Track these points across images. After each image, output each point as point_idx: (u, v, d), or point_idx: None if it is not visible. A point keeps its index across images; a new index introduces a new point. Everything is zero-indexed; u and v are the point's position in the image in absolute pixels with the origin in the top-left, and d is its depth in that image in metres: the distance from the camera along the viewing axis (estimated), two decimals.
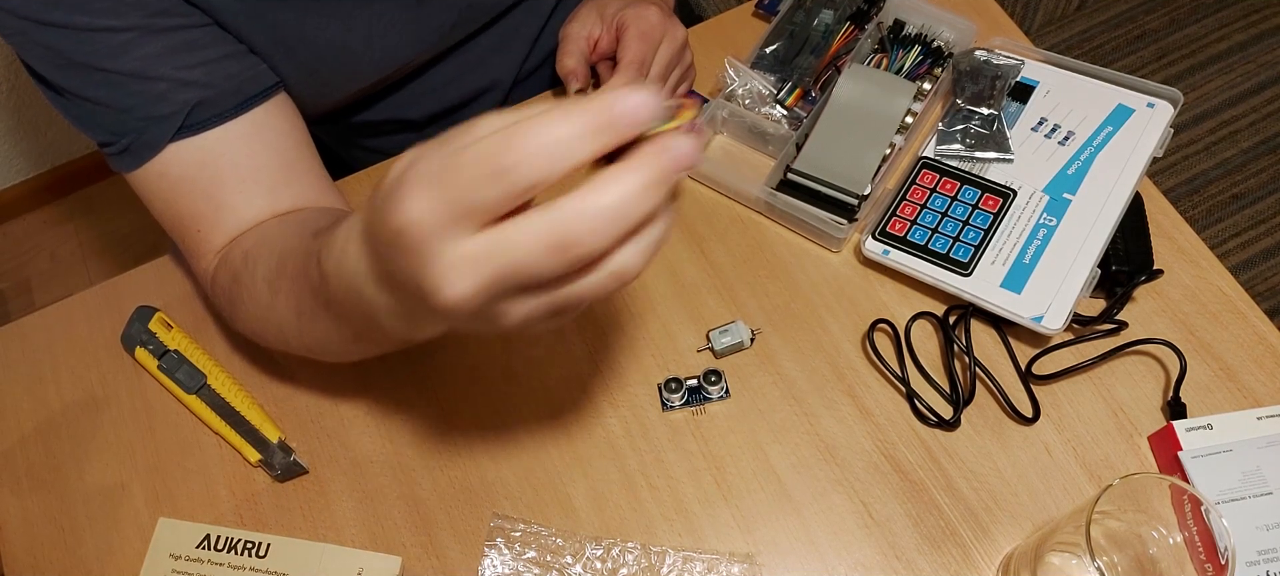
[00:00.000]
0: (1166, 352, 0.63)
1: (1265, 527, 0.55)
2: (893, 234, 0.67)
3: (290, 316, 0.53)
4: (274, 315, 0.55)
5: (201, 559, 0.58)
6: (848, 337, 0.66)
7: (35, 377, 0.68)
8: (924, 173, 0.69)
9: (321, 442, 0.64)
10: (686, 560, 0.58)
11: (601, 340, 0.67)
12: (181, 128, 0.58)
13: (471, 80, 0.80)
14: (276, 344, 0.59)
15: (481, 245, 0.33)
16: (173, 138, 0.58)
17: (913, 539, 0.59)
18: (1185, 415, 0.61)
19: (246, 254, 0.59)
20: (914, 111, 0.72)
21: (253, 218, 0.60)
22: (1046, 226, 0.66)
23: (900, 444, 0.62)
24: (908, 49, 0.75)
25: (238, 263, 0.59)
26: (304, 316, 0.52)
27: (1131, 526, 0.53)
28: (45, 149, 1.64)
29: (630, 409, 0.64)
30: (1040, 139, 0.70)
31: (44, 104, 1.55)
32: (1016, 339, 0.65)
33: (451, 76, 0.78)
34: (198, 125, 0.58)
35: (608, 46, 0.71)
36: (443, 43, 0.74)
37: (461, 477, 0.62)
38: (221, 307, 0.63)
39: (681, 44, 0.71)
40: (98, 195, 1.74)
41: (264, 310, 0.56)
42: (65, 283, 1.66)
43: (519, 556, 0.59)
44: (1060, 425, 0.62)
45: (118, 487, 0.63)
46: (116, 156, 0.59)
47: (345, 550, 0.58)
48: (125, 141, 0.58)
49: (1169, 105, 0.69)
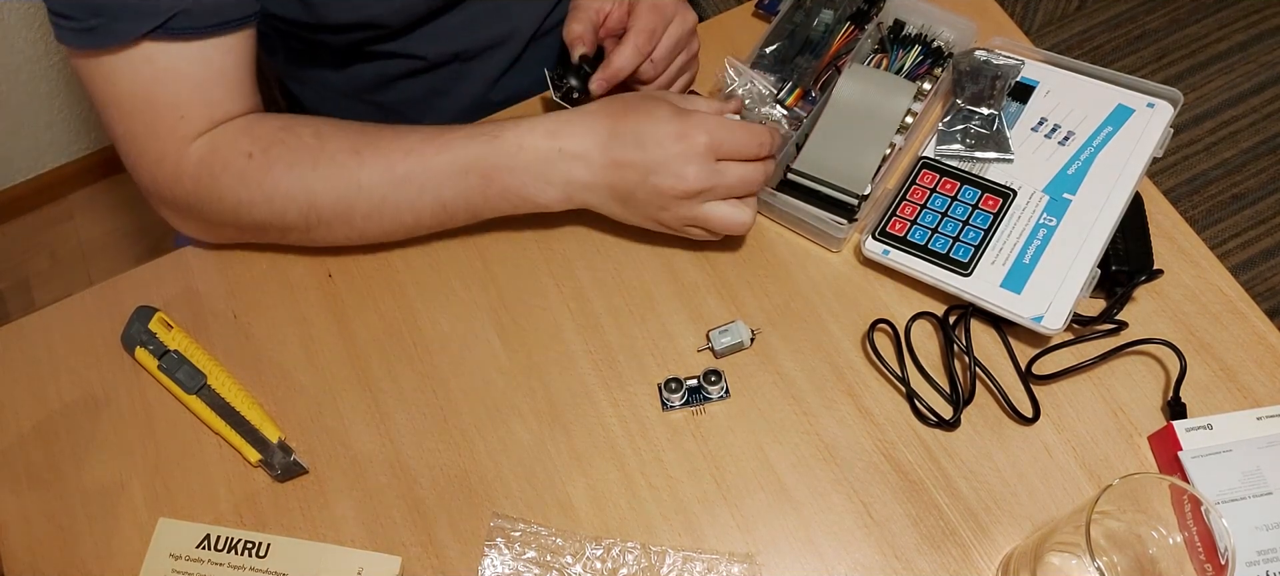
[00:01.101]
0: (1166, 353, 0.63)
1: (1265, 527, 0.55)
2: (893, 234, 0.67)
3: (378, 177, 0.63)
4: (346, 178, 0.63)
5: (201, 559, 0.58)
6: (848, 337, 0.66)
7: (35, 377, 0.68)
8: (924, 173, 0.69)
9: (321, 442, 0.64)
10: (686, 560, 0.58)
11: (601, 340, 0.67)
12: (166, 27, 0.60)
13: (493, 26, 0.80)
14: (302, 212, 0.64)
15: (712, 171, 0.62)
16: (169, 32, 0.60)
17: (912, 539, 0.59)
18: (1185, 415, 0.60)
19: (285, 126, 0.65)
20: (914, 111, 0.72)
21: (236, 110, 0.66)
22: (1046, 226, 0.66)
23: (900, 444, 0.62)
24: (908, 49, 0.75)
25: (274, 132, 0.64)
26: (406, 181, 0.63)
27: (1131, 526, 0.53)
28: (45, 148, 1.64)
29: (630, 409, 0.64)
30: (1040, 139, 0.70)
31: (45, 104, 1.55)
32: (1016, 339, 0.65)
33: (476, 16, 0.78)
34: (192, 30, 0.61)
35: (618, 22, 0.72)
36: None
37: (461, 478, 0.62)
38: (209, 187, 0.65)
39: (691, 28, 0.73)
40: (97, 195, 1.74)
41: (331, 176, 0.63)
42: (65, 282, 1.66)
43: (519, 556, 0.59)
44: (1060, 425, 0.62)
45: (117, 487, 0.63)
46: (78, 33, 0.60)
47: (345, 550, 0.58)
48: (95, 21, 0.59)
49: (1169, 105, 0.69)
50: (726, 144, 0.62)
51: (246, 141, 0.64)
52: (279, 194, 0.64)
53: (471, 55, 0.81)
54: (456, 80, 0.83)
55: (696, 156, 0.61)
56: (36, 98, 1.54)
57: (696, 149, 0.61)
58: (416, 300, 0.69)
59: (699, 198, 0.63)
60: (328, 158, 0.63)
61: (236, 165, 0.64)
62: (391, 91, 0.84)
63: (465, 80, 0.83)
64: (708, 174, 0.61)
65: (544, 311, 0.68)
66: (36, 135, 1.61)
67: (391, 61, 0.80)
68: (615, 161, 0.62)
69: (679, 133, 0.61)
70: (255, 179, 0.64)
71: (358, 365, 0.67)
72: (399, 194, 0.64)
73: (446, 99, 0.84)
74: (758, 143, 0.63)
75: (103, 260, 1.68)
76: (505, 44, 0.81)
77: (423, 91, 0.84)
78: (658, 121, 0.61)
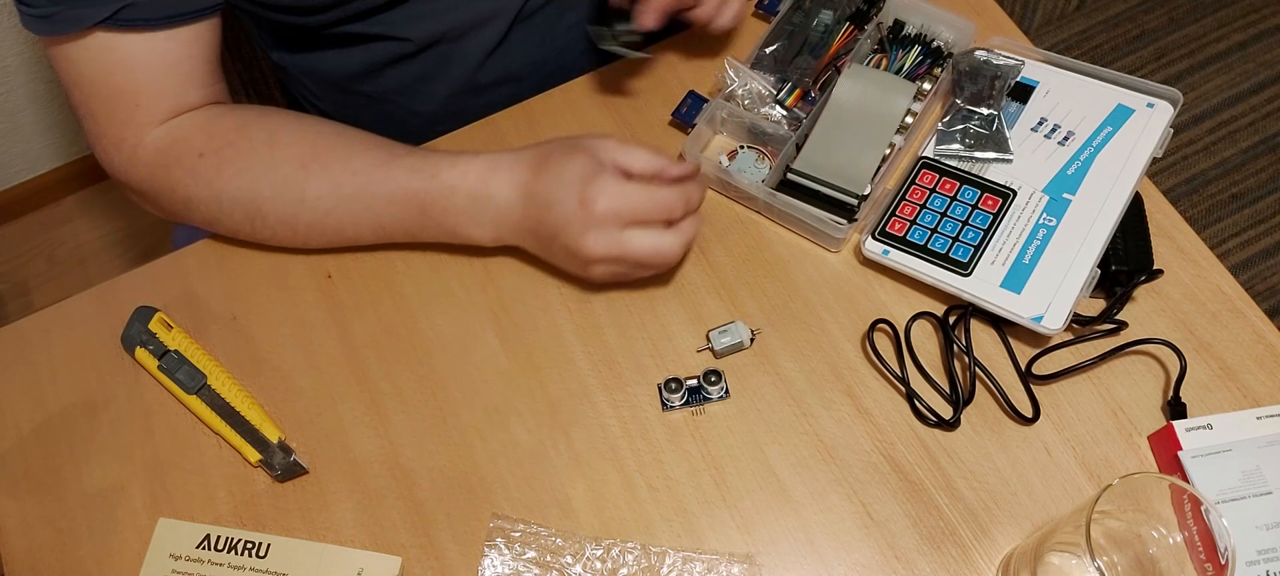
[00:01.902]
0: (1166, 352, 0.63)
1: (1265, 527, 0.55)
2: (892, 234, 0.67)
3: (323, 193, 0.65)
4: (292, 190, 0.65)
5: (201, 559, 0.58)
6: (847, 338, 0.66)
7: (34, 379, 0.68)
8: (924, 173, 0.69)
9: (321, 442, 0.64)
10: (686, 560, 0.58)
11: (601, 340, 0.67)
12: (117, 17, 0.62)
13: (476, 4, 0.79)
14: (248, 216, 0.66)
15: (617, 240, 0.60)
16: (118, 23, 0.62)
17: (912, 539, 0.59)
18: (1185, 415, 0.60)
19: (240, 128, 0.66)
20: (914, 111, 0.72)
21: (193, 101, 0.68)
22: (1046, 226, 0.66)
23: (900, 444, 0.62)
24: (907, 49, 0.75)
25: (228, 133, 0.66)
26: (350, 200, 0.65)
27: (1131, 526, 0.53)
28: (44, 151, 1.64)
29: (630, 409, 0.64)
30: (1040, 139, 0.70)
31: (44, 106, 1.55)
32: (1016, 339, 0.65)
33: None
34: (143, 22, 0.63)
35: None
36: None
37: (461, 478, 0.62)
38: (163, 178, 0.67)
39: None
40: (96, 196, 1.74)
41: (278, 185, 0.65)
42: (63, 284, 1.66)
43: (519, 557, 0.59)
44: (1060, 425, 0.62)
45: (117, 488, 0.63)
46: (37, 20, 0.62)
47: (345, 550, 0.58)
48: (52, 9, 0.61)
49: (1169, 105, 0.69)
50: (625, 211, 0.59)
51: (201, 139, 0.66)
52: (227, 196, 0.66)
53: (456, 36, 0.80)
54: (443, 63, 0.82)
55: (596, 224, 0.59)
56: (35, 100, 1.53)
57: (595, 216, 0.59)
58: (416, 301, 0.69)
59: (605, 263, 0.62)
60: (276, 167, 0.65)
61: (188, 161, 0.66)
62: (380, 79, 0.84)
63: (452, 62, 0.82)
64: (608, 243, 0.60)
65: (543, 312, 0.68)
66: (35, 138, 1.61)
67: (377, 45, 0.80)
68: (532, 216, 0.63)
69: (581, 197, 0.59)
70: (206, 178, 0.66)
71: (357, 366, 0.67)
72: (341, 211, 0.66)
73: (434, 83, 0.84)
74: (666, 209, 0.60)
75: (101, 263, 1.68)
76: (489, 23, 0.81)
77: (411, 77, 0.84)
78: (566, 183, 0.60)
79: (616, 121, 0.76)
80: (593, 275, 0.63)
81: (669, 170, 0.62)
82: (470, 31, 0.80)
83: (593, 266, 0.62)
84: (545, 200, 0.61)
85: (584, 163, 0.61)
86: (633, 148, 0.63)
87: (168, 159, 0.66)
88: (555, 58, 0.85)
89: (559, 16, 0.84)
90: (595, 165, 0.61)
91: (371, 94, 0.85)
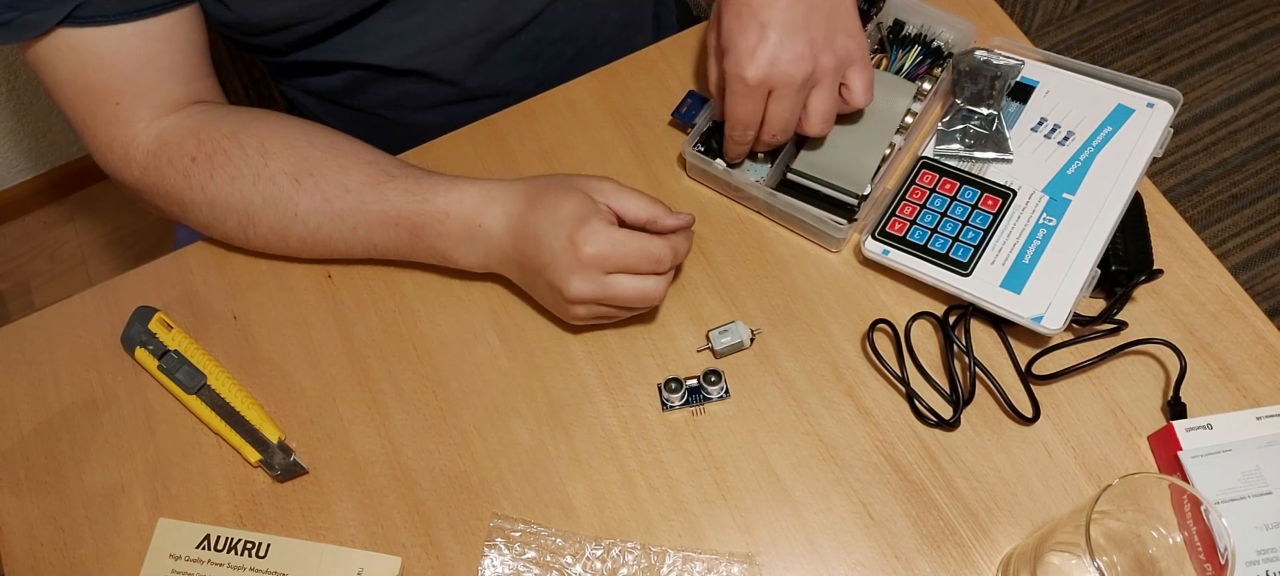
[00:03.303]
0: (1166, 352, 0.63)
1: (1265, 527, 0.55)
2: (892, 234, 0.67)
3: (315, 208, 0.65)
4: (285, 203, 0.65)
5: (201, 559, 0.58)
6: (847, 338, 0.66)
7: (34, 379, 0.68)
8: (923, 173, 0.69)
9: (321, 442, 0.64)
10: (686, 560, 0.58)
11: (601, 341, 0.67)
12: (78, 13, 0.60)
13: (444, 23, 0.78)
14: (241, 223, 0.66)
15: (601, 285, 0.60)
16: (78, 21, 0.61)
17: (912, 539, 0.59)
18: (1185, 415, 0.61)
19: (232, 135, 0.65)
20: (913, 111, 0.72)
21: (178, 97, 0.67)
22: (1046, 226, 0.66)
23: (900, 444, 0.62)
24: (907, 49, 0.75)
25: (220, 139, 0.65)
26: (341, 217, 0.65)
27: (1131, 526, 0.53)
28: (45, 150, 1.64)
29: (630, 409, 0.64)
30: (1040, 139, 0.70)
31: (45, 105, 1.55)
32: (1016, 339, 0.65)
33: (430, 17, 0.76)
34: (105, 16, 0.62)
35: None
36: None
37: (461, 478, 0.62)
38: (156, 179, 0.66)
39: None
40: (97, 196, 1.74)
41: (270, 196, 0.65)
42: (65, 283, 1.66)
43: (519, 556, 0.59)
44: (1060, 425, 0.62)
45: (117, 488, 0.63)
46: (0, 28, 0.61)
47: (345, 550, 0.58)
48: (10, 14, 0.60)
49: (1169, 105, 0.69)
50: (612, 258, 0.59)
51: (192, 144, 0.65)
52: (219, 203, 0.66)
53: (431, 53, 0.79)
54: (425, 80, 0.81)
55: (581, 267, 0.59)
56: (35, 99, 1.54)
57: (581, 259, 0.59)
58: (417, 300, 0.69)
59: (586, 304, 0.61)
60: (268, 178, 0.65)
61: (180, 165, 0.65)
62: (364, 95, 0.83)
63: (434, 80, 0.81)
64: (592, 286, 0.60)
65: (544, 312, 0.68)
66: (35, 137, 1.61)
67: (351, 69, 0.80)
68: (520, 250, 0.62)
69: (569, 238, 0.59)
70: (198, 183, 0.65)
71: (358, 365, 0.67)
72: (333, 227, 0.65)
73: (421, 99, 0.84)
74: (655, 261, 0.60)
75: (102, 262, 1.68)
76: (461, 42, 0.79)
77: (394, 93, 0.83)
78: (558, 222, 0.60)
79: (616, 121, 0.76)
80: (573, 315, 0.63)
81: (663, 220, 0.61)
82: (444, 49, 0.79)
83: (574, 307, 0.61)
84: (535, 235, 0.61)
85: (578, 203, 0.60)
86: (629, 192, 0.62)
87: (160, 161, 0.66)
88: (540, 72, 0.85)
89: (545, 32, 0.83)
90: (588, 207, 0.60)
91: (361, 108, 0.85)
